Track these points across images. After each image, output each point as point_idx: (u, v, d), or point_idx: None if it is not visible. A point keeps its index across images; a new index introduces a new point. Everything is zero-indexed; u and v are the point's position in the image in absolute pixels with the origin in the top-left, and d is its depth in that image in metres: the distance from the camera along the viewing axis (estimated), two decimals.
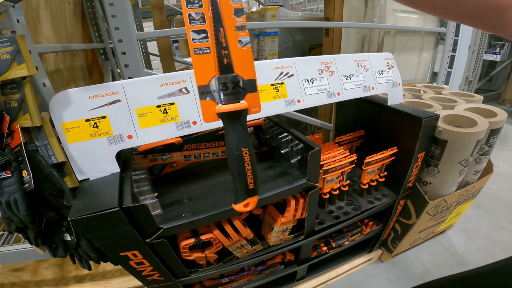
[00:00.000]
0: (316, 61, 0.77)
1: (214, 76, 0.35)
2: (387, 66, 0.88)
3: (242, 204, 0.41)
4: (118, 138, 0.57)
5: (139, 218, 0.55)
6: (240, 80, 0.36)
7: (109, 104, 0.57)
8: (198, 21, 0.35)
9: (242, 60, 0.36)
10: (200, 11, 0.35)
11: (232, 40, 0.36)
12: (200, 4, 0.35)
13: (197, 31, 0.35)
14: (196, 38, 0.35)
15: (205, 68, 0.35)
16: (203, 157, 0.86)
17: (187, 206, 0.68)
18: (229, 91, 0.35)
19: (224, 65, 0.35)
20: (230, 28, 0.36)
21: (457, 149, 0.89)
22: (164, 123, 0.60)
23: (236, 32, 0.36)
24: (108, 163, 0.58)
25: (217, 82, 0.35)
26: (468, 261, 1.29)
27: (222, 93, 0.35)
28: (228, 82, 0.35)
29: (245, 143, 0.38)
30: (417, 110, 0.86)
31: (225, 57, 0.35)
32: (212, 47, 0.36)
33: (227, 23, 0.36)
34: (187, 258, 0.73)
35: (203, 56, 0.35)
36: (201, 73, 0.35)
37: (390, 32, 1.54)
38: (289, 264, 1.07)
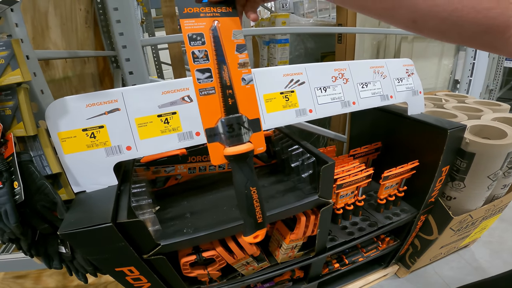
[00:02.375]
0: (329, 67, 0.72)
1: (220, 118, 0.35)
2: (406, 73, 0.82)
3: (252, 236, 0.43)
4: (116, 149, 0.54)
5: (135, 234, 0.51)
6: (245, 121, 0.36)
7: (108, 113, 0.53)
8: (201, 59, 0.35)
9: (246, 99, 0.36)
10: (203, 48, 0.35)
11: (236, 79, 0.36)
12: (202, 41, 0.35)
13: (201, 70, 0.35)
14: (201, 78, 0.35)
15: (211, 109, 0.35)
16: (209, 170, 0.82)
17: (189, 221, 0.64)
18: (235, 133, 0.36)
19: (229, 105, 0.36)
20: (233, 66, 0.36)
21: (486, 162, 0.82)
22: (165, 133, 0.57)
23: (239, 70, 0.36)
24: (105, 175, 0.55)
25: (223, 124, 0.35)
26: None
27: (228, 135, 0.36)
28: (234, 123, 0.36)
29: (253, 182, 0.40)
30: (441, 120, 0.79)
31: (230, 97, 0.36)
32: (216, 86, 0.35)
33: (230, 60, 0.36)
34: (188, 275, 0.68)
35: (209, 97, 0.35)
36: (208, 115, 0.35)
37: (407, 38, 1.47)
38: (298, 281, 1.01)
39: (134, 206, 0.54)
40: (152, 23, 2.41)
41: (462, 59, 1.68)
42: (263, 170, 0.89)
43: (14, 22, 0.56)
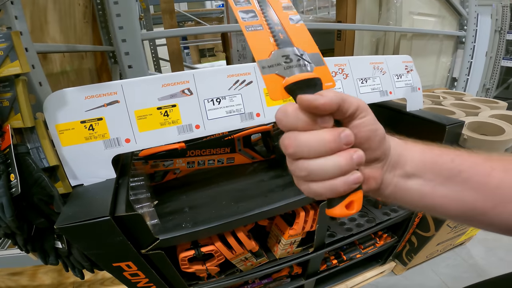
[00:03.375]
0: (329, 63, 0.72)
1: (273, 50, 0.30)
2: (405, 69, 0.83)
3: (343, 204, 0.28)
4: (115, 141, 0.53)
5: (133, 228, 0.50)
6: (303, 53, 0.30)
7: (107, 105, 0.53)
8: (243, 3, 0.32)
9: (299, 35, 0.31)
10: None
11: (284, 18, 0.32)
12: None
13: (245, 11, 0.32)
14: (245, 17, 0.31)
15: (262, 42, 0.30)
16: (208, 164, 0.81)
17: (188, 216, 0.64)
18: (294, 63, 0.29)
19: (281, 39, 0.31)
20: (278, 8, 0.33)
21: None
22: (165, 126, 0.56)
23: (284, 12, 0.33)
24: (103, 168, 0.54)
25: (279, 55, 0.30)
26: (488, 273, 1.20)
27: (287, 65, 0.29)
28: (291, 54, 0.30)
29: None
30: (440, 117, 0.80)
31: (280, 32, 0.31)
32: (263, 24, 0.31)
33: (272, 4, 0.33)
34: (186, 270, 0.68)
35: (257, 32, 0.31)
36: (259, 47, 0.30)
37: (406, 36, 1.48)
38: (296, 277, 1.01)
39: (133, 200, 0.53)
40: (150, 20, 2.39)
41: (460, 57, 1.69)
42: (262, 165, 0.88)
43: (14, 15, 0.55)
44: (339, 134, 0.25)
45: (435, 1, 1.53)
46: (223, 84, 0.61)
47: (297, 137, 0.26)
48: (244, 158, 0.88)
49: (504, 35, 2.52)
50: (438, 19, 1.57)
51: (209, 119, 0.59)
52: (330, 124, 0.26)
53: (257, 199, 0.69)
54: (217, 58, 4.24)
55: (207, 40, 3.82)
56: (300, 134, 0.26)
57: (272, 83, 0.29)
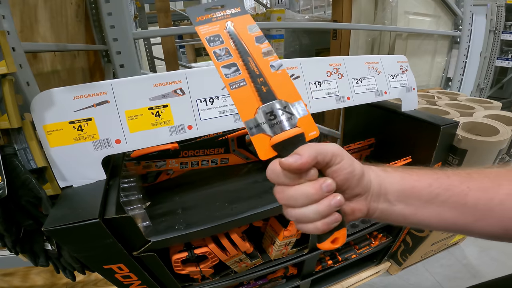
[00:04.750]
0: (325, 62, 0.71)
1: (258, 107, 0.32)
2: (400, 69, 0.82)
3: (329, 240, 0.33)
4: (105, 142, 0.52)
5: (124, 230, 0.49)
6: (286, 105, 0.32)
7: (96, 106, 0.52)
8: (224, 56, 0.34)
9: (281, 85, 0.33)
10: (223, 47, 0.34)
11: (264, 67, 0.34)
12: (221, 41, 0.34)
13: (227, 66, 0.33)
14: (228, 73, 0.33)
15: (246, 101, 0.32)
16: (201, 164, 0.81)
17: (181, 217, 0.63)
18: (278, 119, 0.31)
19: (264, 93, 0.33)
20: (258, 56, 0.34)
21: (478, 159, 0.82)
22: (156, 127, 0.55)
23: (265, 58, 0.34)
24: (93, 169, 0.53)
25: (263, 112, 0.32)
26: (482, 273, 1.21)
27: (271, 122, 0.32)
28: (274, 109, 0.32)
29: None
30: (434, 117, 0.79)
31: (263, 84, 0.33)
32: (246, 77, 0.33)
33: (253, 52, 0.34)
34: (179, 272, 0.67)
35: (241, 90, 0.33)
36: (244, 108, 0.32)
37: (401, 35, 1.48)
38: (291, 278, 1.00)
39: (123, 202, 0.52)
40: (145, 18, 2.37)
41: (455, 57, 1.69)
42: (256, 165, 0.88)
43: (1, 15, 0.54)
44: (320, 186, 0.29)
45: (431, 1, 1.53)
46: (216, 84, 0.61)
47: (285, 191, 0.30)
48: (238, 158, 0.87)
49: (499, 35, 2.54)
50: (433, 19, 1.57)
51: (202, 120, 0.58)
52: (314, 176, 0.30)
53: (251, 200, 0.68)
54: None
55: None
56: (288, 189, 0.30)
57: (259, 143, 0.32)
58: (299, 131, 0.31)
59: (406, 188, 0.34)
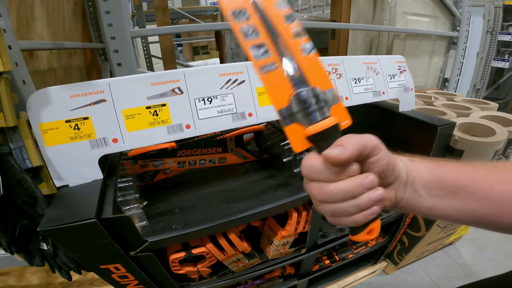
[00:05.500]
0: (323, 62, 0.71)
1: (291, 95, 0.30)
2: (398, 69, 0.82)
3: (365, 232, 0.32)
4: (102, 141, 0.52)
5: (121, 230, 0.49)
6: (319, 93, 0.30)
7: (93, 104, 0.51)
8: (253, 34, 0.30)
9: (312, 70, 0.31)
10: (250, 23, 0.30)
11: (295, 49, 0.31)
12: (247, 16, 0.30)
13: (256, 46, 0.30)
14: (258, 55, 0.30)
15: (279, 87, 0.30)
16: (199, 164, 0.80)
17: (178, 217, 0.63)
18: (312, 108, 0.29)
19: (297, 78, 0.30)
20: (288, 37, 0.31)
21: (474, 160, 0.83)
22: (154, 126, 0.55)
23: (295, 40, 0.31)
24: (89, 168, 0.52)
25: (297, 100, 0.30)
26: (477, 273, 1.22)
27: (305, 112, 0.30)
28: (308, 97, 0.30)
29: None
30: (432, 117, 0.80)
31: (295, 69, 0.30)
32: (277, 60, 0.30)
33: (282, 31, 0.30)
34: (177, 272, 0.67)
35: (272, 74, 0.30)
36: (277, 95, 0.30)
37: (400, 36, 1.48)
38: (288, 277, 1.00)
39: (120, 201, 0.52)
40: (143, 17, 2.36)
41: (452, 58, 1.70)
42: (254, 165, 0.88)
43: None
44: (362, 182, 0.28)
45: (429, 1, 1.53)
46: (214, 83, 0.60)
47: (324, 188, 0.29)
48: (236, 158, 0.87)
49: (496, 36, 2.55)
50: (431, 19, 1.58)
51: (200, 119, 0.58)
52: (356, 172, 0.29)
53: (249, 200, 0.68)
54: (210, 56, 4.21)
55: (200, 38, 3.78)
56: (327, 185, 0.28)
57: (294, 134, 0.30)
58: (335, 121, 0.30)
59: (434, 178, 0.34)
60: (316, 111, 0.30)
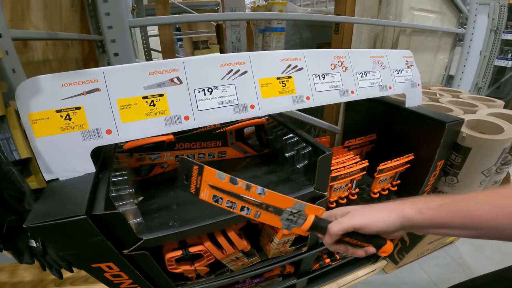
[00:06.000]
0: (329, 54, 0.68)
1: (280, 219, 0.47)
2: (406, 64, 0.79)
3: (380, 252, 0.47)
4: (95, 132, 0.49)
5: (113, 227, 0.46)
6: (291, 210, 0.47)
7: (86, 94, 0.48)
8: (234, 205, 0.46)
9: (276, 201, 0.46)
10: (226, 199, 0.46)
11: (256, 197, 0.46)
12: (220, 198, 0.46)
13: (241, 209, 0.47)
14: (247, 212, 0.47)
15: (271, 220, 0.48)
16: (198, 158, 0.77)
17: (175, 214, 0.60)
18: (295, 219, 0.47)
19: (273, 211, 0.46)
20: (245, 193, 0.45)
21: (481, 158, 0.80)
22: (151, 117, 0.52)
23: (250, 192, 0.45)
24: (81, 161, 0.49)
25: (284, 219, 0.47)
26: (477, 272, 1.21)
27: (294, 221, 0.47)
28: (288, 215, 0.47)
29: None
30: (439, 114, 0.77)
31: (268, 207, 0.46)
32: (256, 210, 0.47)
33: (240, 192, 0.45)
34: (173, 271, 0.64)
35: (262, 216, 0.47)
36: (274, 223, 0.48)
37: (406, 31, 1.44)
38: (288, 276, 0.98)
39: (114, 197, 0.49)
40: (143, 10, 2.31)
41: (458, 55, 1.67)
42: (255, 160, 0.85)
43: None
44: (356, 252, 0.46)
45: None
46: (215, 73, 0.57)
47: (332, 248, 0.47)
48: (236, 152, 0.84)
49: (500, 35, 2.52)
50: (438, 15, 1.54)
51: (200, 110, 0.55)
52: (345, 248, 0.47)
53: None
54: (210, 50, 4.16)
55: (201, 32, 3.73)
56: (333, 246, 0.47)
57: (298, 232, 0.48)
58: (312, 217, 0.47)
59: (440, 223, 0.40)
60: (298, 219, 0.47)
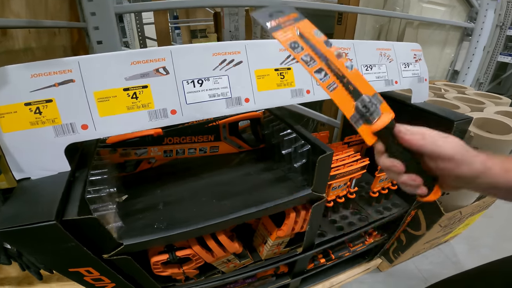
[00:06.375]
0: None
1: (353, 105, 0.38)
2: (414, 58, 0.74)
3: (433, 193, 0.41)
4: (68, 128, 0.44)
5: (89, 232, 0.42)
6: (370, 98, 0.38)
7: (58, 85, 0.43)
8: (312, 62, 0.37)
9: (359, 82, 0.38)
10: (306, 53, 0.37)
11: (342, 68, 0.38)
12: (301, 47, 0.37)
13: (318, 71, 0.37)
14: (322, 77, 0.38)
15: (344, 100, 0.38)
16: (188, 153, 0.72)
17: (161, 214, 0.56)
18: (370, 110, 0.38)
19: (352, 91, 0.38)
20: (333, 59, 0.38)
21: None
22: (133, 110, 0.47)
23: (340, 60, 0.38)
24: (54, 159, 0.45)
25: (359, 107, 0.38)
26: None
27: (367, 115, 0.38)
28: (365, 103, 0.38)
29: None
30: (446, 111, 0.72)
31: (349, 84, 0.38)
32: (335, 80, 0.38)
33: (328, 56, 0.37)
34: (160, 274, 0.60)
35: (337, 91, 0.38)
36: (345, 106, 0.38)
37: (413, 24, 1.38)
38: (281, 276, 0.95)
39: (91, 198, 0.44)
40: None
41: (465, 50, 1.61)
42: (249, 155, 0.80)
43: None
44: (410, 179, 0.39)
45: None
46: (207, 63, 0.52)
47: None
48: (230, 147, 0.79)
49: (505, 30, 2.46)
50: (448, 8, 1.47)
51: (188, 104, 0.50)
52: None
53: (242, 196, 0.61)
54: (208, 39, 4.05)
55: (199, 21, 3.64)
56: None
57: (364, 132, 0.39)
58: (391, 116, 0.38)
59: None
60: (373, 112, 0.38)
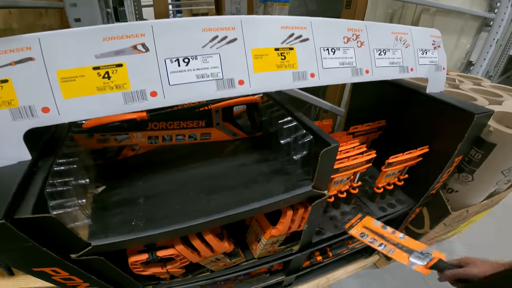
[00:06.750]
0: (342, 25, 0.54)
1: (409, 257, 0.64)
2: (432, 44, 0.66)
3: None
4: (27, 111, 0.37)
5: (50, 231, 0.36)
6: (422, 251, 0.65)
7: (15, 64, 0.36)
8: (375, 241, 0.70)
9: (410, 243, 0.67)
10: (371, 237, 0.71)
11: (397, 239, 0.68)
12: (367, 235, 0.72)
13: (380, 245, 0.69)
14: (383, 248, 0.68)
15: (401, 256, 0.65)
16: (176, 140, 0.65)
17: (141, 210, 0.49)
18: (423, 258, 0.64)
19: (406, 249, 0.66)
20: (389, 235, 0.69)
21: (505, 156, 0.70)
22: (104, 92, 0.40)
23: (395, 235, 0.70)
24: (11, 146, 0.38)
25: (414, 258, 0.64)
26: None
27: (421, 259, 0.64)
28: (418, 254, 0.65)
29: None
30: (466, 103, 0.65)
31: (403, 247, 0.66)
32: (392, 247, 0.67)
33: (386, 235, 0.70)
34: (140, 273, 0.55)
35: (395, 253, 0.66)
36: (403, 260, 0.65)
37: (429, 10, 1.27)
38: (276, 272, 0.90)
39: (55, 192, 0.38)
40: None
41: (483, 40, 1.50)
42: (244, 143, 0.73)
43: None
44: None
45: None
46: (195, 40, 0.44)
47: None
48: (223, 134, 0.72)
49: None
50: None
51: (172, 85, 0.43)
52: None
53: (234, 191, 0.54)
54: None
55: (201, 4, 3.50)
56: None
57: (420, 269, 0.62)
58: (437, 259, 0.62)
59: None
60: (425, 257, 0.62)
